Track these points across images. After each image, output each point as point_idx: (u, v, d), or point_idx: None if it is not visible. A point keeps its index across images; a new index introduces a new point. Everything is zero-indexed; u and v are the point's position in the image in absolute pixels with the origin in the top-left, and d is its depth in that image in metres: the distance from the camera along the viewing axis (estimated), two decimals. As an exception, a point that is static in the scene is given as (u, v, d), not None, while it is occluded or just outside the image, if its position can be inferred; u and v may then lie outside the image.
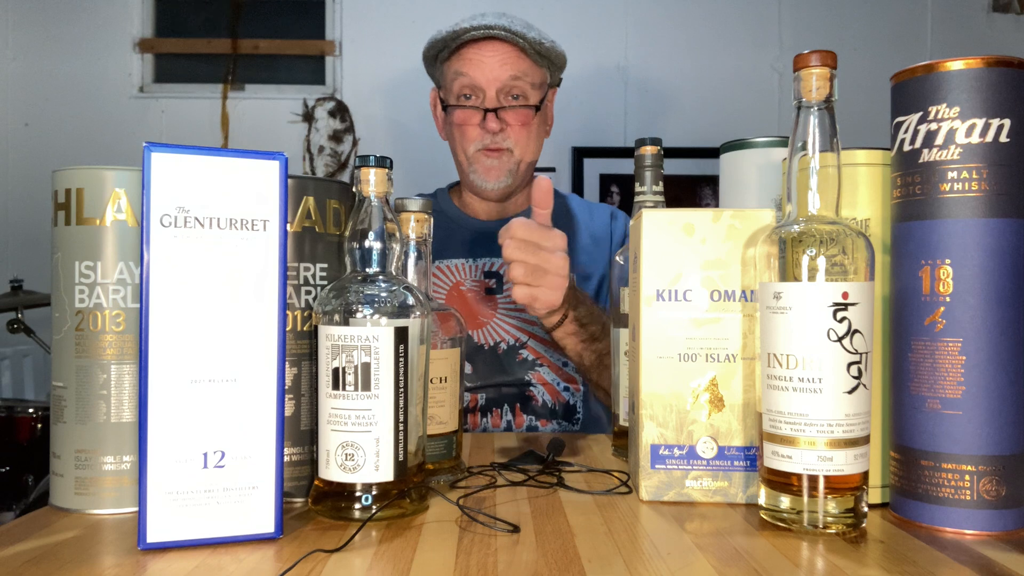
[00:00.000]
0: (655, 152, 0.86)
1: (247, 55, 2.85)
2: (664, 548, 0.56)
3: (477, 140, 1.26)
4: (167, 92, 2.82)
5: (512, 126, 1.26)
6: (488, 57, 1.24)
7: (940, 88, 0.61)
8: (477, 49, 1.25)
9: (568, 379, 1.26)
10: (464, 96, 1.27)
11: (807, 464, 0.59)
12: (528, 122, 1.27)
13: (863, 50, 2.75)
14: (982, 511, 0.59)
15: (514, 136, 1.26)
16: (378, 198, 0.65)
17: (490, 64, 1.24)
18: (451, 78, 1.28)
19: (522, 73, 1.25)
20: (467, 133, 1.27)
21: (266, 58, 2.87)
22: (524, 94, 1.26)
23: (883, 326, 0.67)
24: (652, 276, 0.69)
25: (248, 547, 0.57)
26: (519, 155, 1.28)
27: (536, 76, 1.28)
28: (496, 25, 1.23)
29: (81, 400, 0.65)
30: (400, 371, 0.62)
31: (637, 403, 0.70)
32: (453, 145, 1.32)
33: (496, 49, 1.24)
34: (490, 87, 1.24)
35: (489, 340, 1.27)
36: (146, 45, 2.83)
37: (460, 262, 1.31)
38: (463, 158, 1.29)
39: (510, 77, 1.25)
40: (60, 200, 0.67)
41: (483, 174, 1.27)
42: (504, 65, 1.24)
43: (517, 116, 1.26)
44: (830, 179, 0.60)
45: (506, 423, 1.24)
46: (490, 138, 1.26)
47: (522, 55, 1.25)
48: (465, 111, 1.26)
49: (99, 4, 2.79)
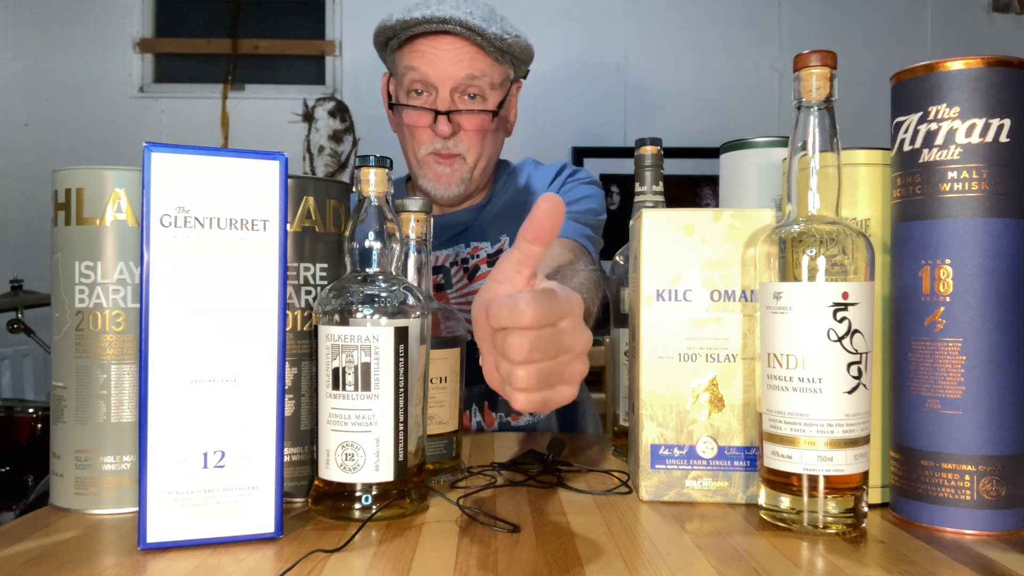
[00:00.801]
0: (655, 152, 0.86)
1: (247, 55, 2.85)
2: (664, 548, 0.56)
3: (427, 143, 1.15)
4: (167, 92, 2.82)
5: (466, 131, 1.15)
6: (443, 52, 1.12)
7: (940, 88, 0.61)
8: (430, 42, 1.12)
9: None
10: (415, 92, 1.15)
11: (807, 464, 0.59)
12: (484, 127, 1.16)
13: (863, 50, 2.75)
14: (982, 511, 0.59)
15: (468, 141, 1.15)
16: (378, 198, 0.65)
17: (444, 60, 1.12)
18: (401, 71, 1.16)
19: (480, 72, 1.13)
20: (417, 135, 1.16)
21: (266, 58, 2.87)
22: (482, 94, 1.15)
23: (883, 326, 0.67)
24: (652, 276, 0.69)
25: (248, 547, 0.57)
26: (472, 161, 1.17)
27: (496, 75, 1.16)
28: (452, 18, 1.09)
29: (81, 400, 0.65)
30: (400, 371, 0.62)
31: (637, 403, 0.70)
32: (402, 144, 1.21)
33: (452, 44, 1.12)
34: (443, 85, 1.12)
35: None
36: (146, 45, 2.83)
37: None
38: (412, 160, 1.19)
39: (466, 76, 1.12)
40: (60, 200, 0.67)
41: (433, 181, 1.17)
42: (460, 63, 1.12)
43: (472, 120, 1.15)
44: (830, 179, 0.60)
45: (476, 424, 1.15)
46: (441, 143, 1.14)
47: (480, 52, 1.13)
48: (415, 111, 1.15)
49: (99, 4, 2.79)
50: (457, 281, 1.22)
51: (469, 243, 1.24)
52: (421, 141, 1.16)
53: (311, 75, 2.84)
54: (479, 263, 1.22)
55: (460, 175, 1.17)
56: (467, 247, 1.24)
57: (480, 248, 1.23)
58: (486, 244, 1.23)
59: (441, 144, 1.15)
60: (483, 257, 1.23)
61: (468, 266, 1.22)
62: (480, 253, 1.23)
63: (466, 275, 1.22)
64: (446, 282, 1.22)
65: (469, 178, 1.18)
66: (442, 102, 1.13)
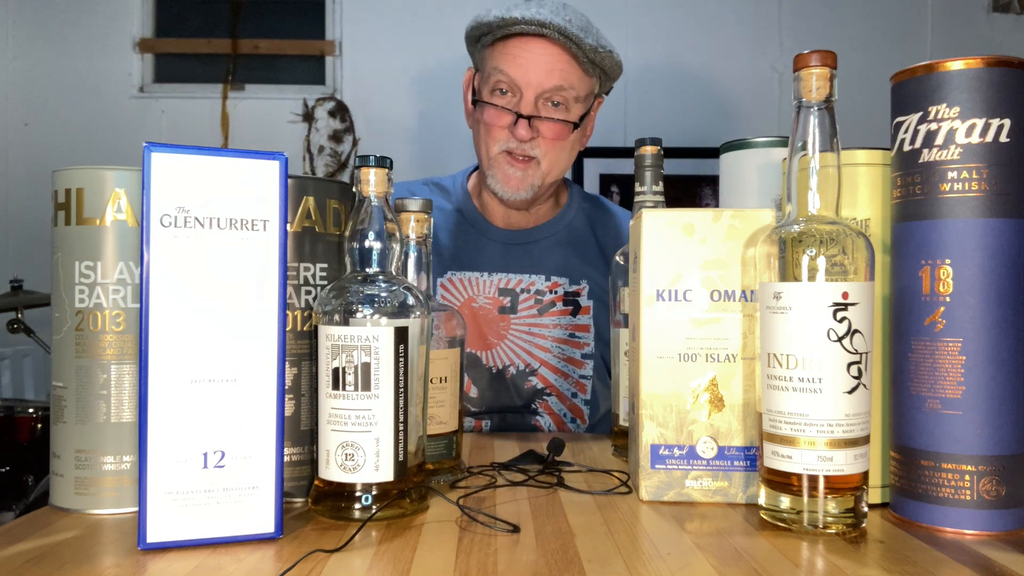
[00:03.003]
0: (655, 152, 0.86)
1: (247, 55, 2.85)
2: (664, 548, 0.56)
3: (503, 141, 1.14)
4: (167, 92, 2.82)
5: (544, 137, 1.13)
6: (535, 56, 1.10)
7: (940, 88, 0.61)
8: (524, 44, 1.10)
9: (576, 411, 1.19)
10: (499, 91, 1.13)
11: (807, 464, 0.59)
12: (563, 136, 1.14)
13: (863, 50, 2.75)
14: (982, 511, 0.59)
15: (544, 147, 1.14)
16: (378, 198, 0.65)
17: (536, 66, 1.10)
18: (489, 70, 1.14)
19: (568, 84, 1.11)
20: (493, 132, 1.14)
21: (266, 58, 2.87)
22: (566, 104, 1.13)
23: (883, 326, 0.67)
24: (652, 276, 0.69)
25: (248, 547, 0.57)
26: (546, 168, 1.15)
27: (583, 87, 1.14)
28: (551, 23, 1.07)
29: (81, 400, 0.65)
30: (400, 371, 0.62)
31: (637, 403, 0.70)
32: (476, 139, 1.19)
33: (546, 48, 1.09)
34: (529, 90, 1.11)
35: (498, 363, 1.17)
36: (146, 45, 2.83)
37: (475, 276, 1.20)
38: (484, 156, 1.17)
39: (554, 86, 1.11)
40: (60, 200, 0.66)
41: (502, 181, 1.15)
42: (551, 71, 1.10)
43: (552, 129, 1.13)
44: (830, 179, 0.60)
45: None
46: (516, 143, 1.13)
47: (573, 62, 1.11)
48: (496, 110, 1.13)
49: (99, 4, 2.79)
50: (525, 309, 1.20)
51: (551, 277, 1.21)
52: (496, 139, 1.14)
53: (311, 75, 2.84)
54: (556, 300, 1.20)
55: (531, 180, 1.15)
56: (547, 280, 1.21)
57: (559, 284, 1.21)
58: (565, 281, 1.21)
59: (516, 145, 1.13)
60: (560, 295, 1.21)
61: (543, 300, 1.20)
62: (558, 290, 1.21)
63: (537, 306, 1.20)
64: (511, 307, 1.20)
65: (539, 184, 1.16)
66: (526, 105, 1.12)
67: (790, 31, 2.82)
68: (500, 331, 1.19)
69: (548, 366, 1.18)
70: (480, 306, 1.19)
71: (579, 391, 1.20)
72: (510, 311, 1.19)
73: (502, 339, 1.18)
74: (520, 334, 1.19)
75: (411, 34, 2.76)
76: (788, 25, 2.82)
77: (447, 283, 1.20)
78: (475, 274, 1.21)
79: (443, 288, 1.20)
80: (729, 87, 2.81)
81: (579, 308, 1.21)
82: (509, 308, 1.19)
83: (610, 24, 2.82)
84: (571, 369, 1.19)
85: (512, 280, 1.20)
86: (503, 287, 1.20)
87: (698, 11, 2.82)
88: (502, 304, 1.19)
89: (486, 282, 1.20)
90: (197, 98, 2.80)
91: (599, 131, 1.30)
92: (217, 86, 2.81)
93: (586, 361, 1.20)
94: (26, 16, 2.77)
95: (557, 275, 1.21)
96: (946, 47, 2.80)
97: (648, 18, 2.82)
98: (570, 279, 1.22)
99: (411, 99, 2.74)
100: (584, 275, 1.22)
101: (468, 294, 1.20)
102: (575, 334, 1.20)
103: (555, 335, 1.19)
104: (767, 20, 2.82)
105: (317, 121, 2.79)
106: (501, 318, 1.19)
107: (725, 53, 2.81)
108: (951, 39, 2.82)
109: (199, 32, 2.85)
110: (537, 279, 1.21)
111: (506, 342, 1.18)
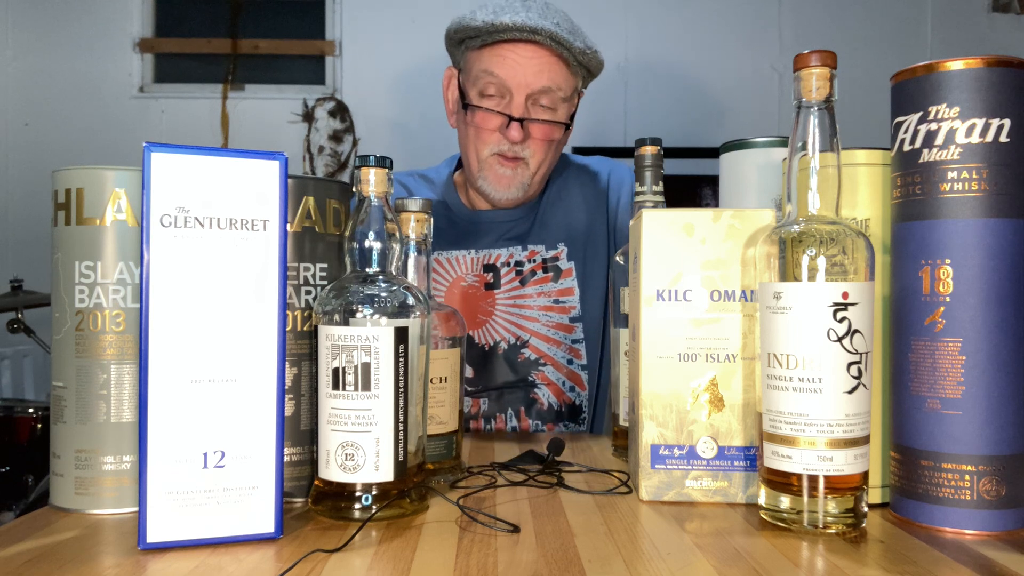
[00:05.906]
0: (655, 152, 0.86)
1: (247, 55, 2.85)
2: (664, 548, 0.56)
3: (493, 144, 1.15)
4: (167, 92, 2.82)
5: (535, 138, 1.15)
6: (525, 60, 1.11)
7: (940, 88, 0.61)
8: (514, 48, 1.11)
9: (574, 378, 1.20)
10: (488, 94, 1.14)
11: (807, 464, 0.59)
12: (553, 137, 1.16)
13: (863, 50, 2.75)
14: (982, 511, 0.59)
15: (534, 148, 1.16)
16: (378, 198, 0.65)
17: (525, 69, 1.11)
18: (477, 73, 1.15)
19: (556, 86, 1.13)
20: (484, 136, 1.16)
21: (266, 58, 2.87)
22: (554, 106, 1.15)
23: (883, 326, 0.67)
24: (652, 276, 0.69)
25: (248, 547, 0.57)
26: (535, 167, 1.17)
27: (569, 87, 1.16)
28: (542, 29, 1.09)
29: (81, 400, 0.65)
30: (400, 371, 0.62)
31: (637, 403, 0.70)
32: (464, 141, 1.20)
33: (535, 52, 1.11)
34: (519, 93, 1.12)
35: (488, 340, 1.19)
36: (146, 45, 2.83)
37: (461, 254, 1.22)
38: (474, 159, 1.18)
39: (544, 87, 1.12)
40: (60, 200, 0.67)
41: (494, 182, 1.17)
42: (540, 73, 1.11)
43: (543, 130, 1.15)
44: (830, 179, 0.60)
45: (511, 429, 1.17)
46: (508, 145, 1.14)
47: (562, 64, 1.13)
48: (488, 113, 1.14)
49: (99, 4, 2.79)
50: (507, 283, 1.21)
51: (527, 245, 1.23)
52: (486, 142, 1.16)
53: (311, 75, 2.84)
54: (535, 268, 1.22)
55: (521, 179, 1.17)
56: (524, 249, 1.23)
57: (536, 252, 1.22)
58: (541, 248, 1.23)
59: (508, 147, 1.15)
60: (539, 262, 1.22)
61: (523, 270, 1.22)
62: (536, 258, 1.22)
63: (518, 278, 1.21)
64: (495, 282, 1.21)
65: (529, 183, 1.18)
66: (516, 108, 1.13)
67: (790, 31, 2.82)
68: (487, 308, 1.21)
69: (538, 336, 1.20)
70: (469, 284, 1.22)
71: (574, 357, 1.21)
72: (494, 286, 1.21)
73: (490, 316, 1.20)
74: (506, 308, 1.21)
75: (411, 34, 2.76)
76: (788, 25, 2.82)
77: (435, 265, 1.22)
78: (460, 252, 1.23)
79: (432, 271, 1.22)
80: (729, 87, 2.81)
81: (560, 272, 1.23)
82: (493, 283, 1.21)
83: (610, 24, 2.82)
84: (562, 336, 1.21)
85: (492, 255, 1.22)
86: (487, 263, 1.22)
87: (698, 11, 2.82)
88: (487, 280, 1.22)
89: (472, 259, 1.22)
90: (197, 98, 2.80)
91: (599, 131, 1.30)
92: (217, 86, 2.81)
93: (575, 324, 1.21)
94: (26, 16, 2.77)
95: (533, 243, 1.23)
96: (946, 47, 2.80)
97: (648, 18, 2.82)
98: (546, 245, 1.23)
99: (411, 99, 2.75)
100: (559, 238, 1.24)
101: (457, 273, 1.22)
102: (559, 299, 1.22)
103: (540, 303, 1.21)
104: (767, 20, 2.82)
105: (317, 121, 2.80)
106: (487, 295, 1.21)
107: (725, 53, 2.81)
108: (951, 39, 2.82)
109: (199, 32, 2.85)
110: (515, 250, 1.23)
111: (493, 318, 1.20)
